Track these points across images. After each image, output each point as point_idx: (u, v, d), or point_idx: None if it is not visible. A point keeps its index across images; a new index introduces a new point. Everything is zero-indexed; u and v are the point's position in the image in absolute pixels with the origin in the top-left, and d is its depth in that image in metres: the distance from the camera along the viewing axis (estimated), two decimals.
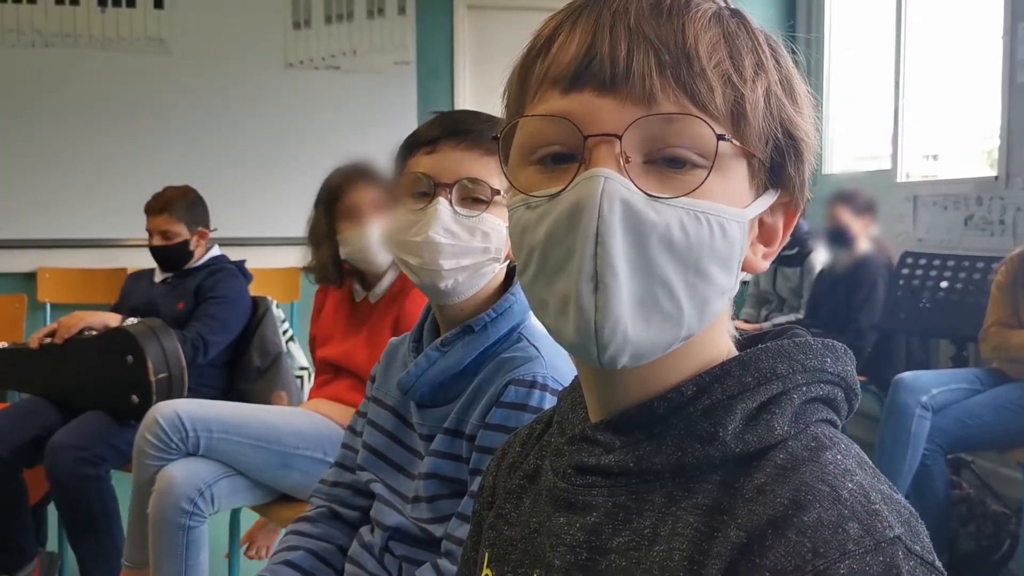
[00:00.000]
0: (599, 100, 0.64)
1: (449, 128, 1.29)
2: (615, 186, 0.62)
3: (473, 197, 1.28)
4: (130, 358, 2.56)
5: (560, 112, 0.65)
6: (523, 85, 0.69)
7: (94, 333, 2.71)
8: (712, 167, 0.63)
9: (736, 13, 0.68)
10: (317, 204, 2.38)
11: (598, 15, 0.65)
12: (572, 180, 0.63)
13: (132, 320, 2.69)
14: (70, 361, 2.72)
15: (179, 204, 2.94)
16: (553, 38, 0.67)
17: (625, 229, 0.62)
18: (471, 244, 1.28)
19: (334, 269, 2.33)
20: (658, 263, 0.62)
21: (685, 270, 0.63)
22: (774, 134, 0.66)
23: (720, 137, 0.63)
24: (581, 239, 0.62)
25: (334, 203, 2.32)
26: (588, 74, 0.64)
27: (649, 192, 0.63)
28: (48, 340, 2.77)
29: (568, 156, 0.65)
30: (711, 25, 0.65)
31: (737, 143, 0.64)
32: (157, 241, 2.93)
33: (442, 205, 1.27)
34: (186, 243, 2.94)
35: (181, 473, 2.11)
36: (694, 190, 0.63)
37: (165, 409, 2.18)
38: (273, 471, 2.21)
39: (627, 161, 0.63)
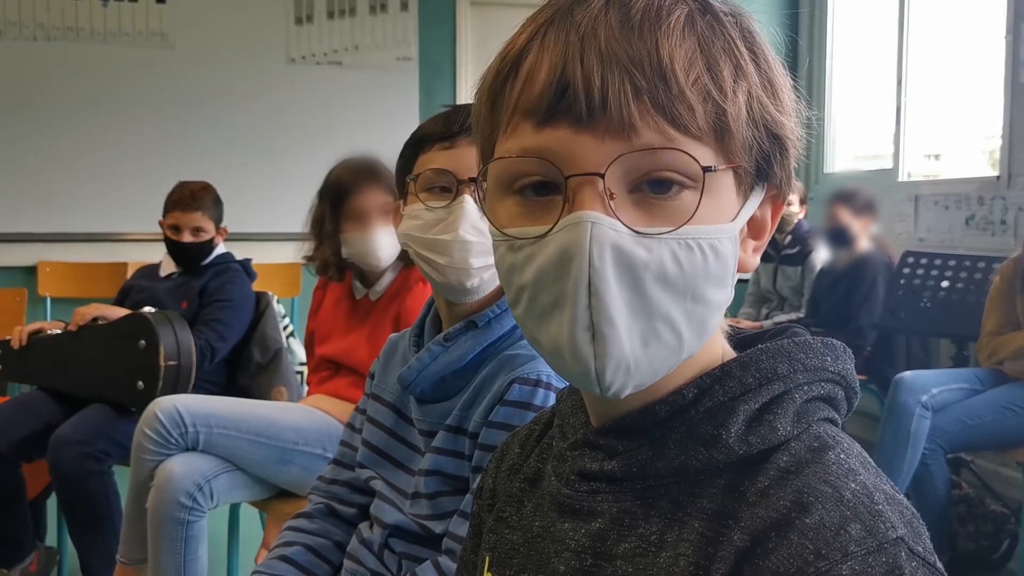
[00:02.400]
0: (577, 136, 0.61)
1: (467, 122, 1.26)
2: (603, 231, 0.60)
3: None
4: (142, 342, 2.57)
5: (537, 151, 0.63)
6: (493, 109, 0.66)
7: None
8: (701, 194, 0.62)
9: (707, 9, 0.64)
10: (322, 196, 2.38)
11: (567, 35, 0.62)
12: (556, 223, 0.61)
13: (149, 309, 2.69)
14: (81, 347, 2.73)
15: (208, 201, 2.93)
16: (521, 59, 0.64)
17: (618, 275, 0.60)
18: None
19: (335, 265, 2.34)
20: (655, 300, 0.61)
21: (683, 300, 0.62)
22: (758, 140, 0.65)
23: (707, 169, 0.61)
24: (572, 289, 0.60)
25: (340, 202, 2.32)
26: (563, 107, 0.61)
27: (637, 229, 0.61)
28: (56, 332, 2.79)
29: (549, 185, 0.63)
30: (686, 35, 0.62)
31: (723, 166, 0.63)
32: (188, 238, 2.89)
33: (469, 203, 1.25)
34: (211, 240, 2.94)
35: (180, 468, 2.11)
36: (685, 223, 0.61)
37: (164, 404, 2.18)
38: (272, 466, 2.21)
39: (612, 197, 0.61)
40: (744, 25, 0.66)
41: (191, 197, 2.90)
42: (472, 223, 1.26)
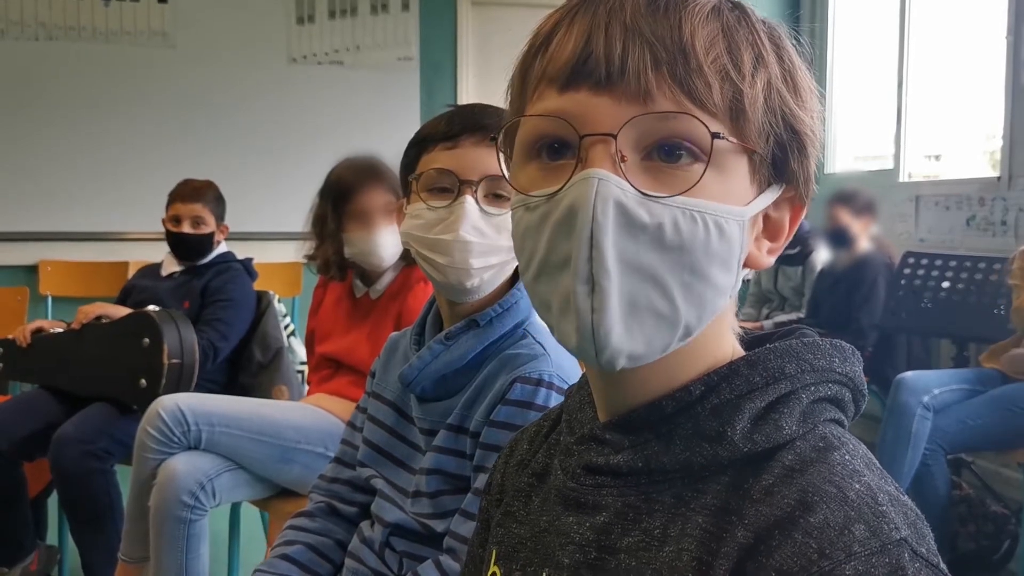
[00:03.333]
0: (595, 99, 0.63)
1: (470, 123, 1.27)
2: (609, 187, 0.62)
3: (496, 194, 1.26)
4: (146, 341, 2.57)
5: (556, 111, 0.65)
6: (524, 82, 0.69)
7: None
8: (708, 163, 0.63)
9: (737, 6, 0.67)
10: (324, 196, 2.38)
11: (594, 12, 0.65)
12: (568, 180, 0.63)
13: (153, 307, 2.70)
14: (84, 345, 2.74)
15: (210, 196, 2.96)
16: (552, 35, 0.67)
17: (618, 231, 0.62)
18: (498, 242, 1.27)
19: (337, 264, 2.34)
20: (650, 263, 0.62)
21: (680, 270, 0.63)
22: (775, 129, 0.66)
23: (715, 135, 0.63)
24: (577, 242, 0.62)
25: (342, 202, 2.32)
26: (584, 72, 0.64)
27: (644, 191, 0.62)
28: (58, 331, 2.79)
29: (567, 148, 0.65)
30: (709, 20, 0.64)
31: (734, 140, 0.64)
32: (187, 228, 2.91)
33: (469, 203, 1.26)
34: (212, 235, 2.95)
35: (182, 466, 2.11)
36: (690, 188, 0.63)
37: (167, 403, 2.18)
38: (274, 465, 2.21)
39: (623, 160, 0.63)
40: (775, 33, 0.68)
41: (193, 190, 2.94)
42: (473, 223, 1.26)
